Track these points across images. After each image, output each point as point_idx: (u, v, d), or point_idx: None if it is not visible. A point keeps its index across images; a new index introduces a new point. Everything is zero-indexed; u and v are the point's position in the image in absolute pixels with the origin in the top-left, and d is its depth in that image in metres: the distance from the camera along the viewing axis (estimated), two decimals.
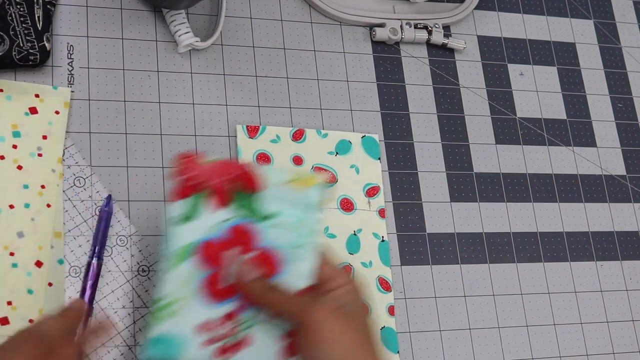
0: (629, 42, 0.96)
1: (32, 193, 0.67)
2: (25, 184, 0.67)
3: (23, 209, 0.67)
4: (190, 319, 0.59)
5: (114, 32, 0.76)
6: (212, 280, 0.59)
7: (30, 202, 0.67)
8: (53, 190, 0.68)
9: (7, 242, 0.65)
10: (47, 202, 0.68)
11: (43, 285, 0.65)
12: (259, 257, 0.60)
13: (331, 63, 0.82)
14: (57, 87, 0.71)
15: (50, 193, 0.68)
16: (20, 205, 0.67)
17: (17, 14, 0.70)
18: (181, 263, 0.59)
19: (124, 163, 0.72)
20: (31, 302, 0.65)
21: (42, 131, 0.69)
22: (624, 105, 0.92)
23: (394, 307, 0.76)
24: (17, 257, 0.65)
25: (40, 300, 0.65)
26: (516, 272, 0.81)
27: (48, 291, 0.65)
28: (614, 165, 0.89)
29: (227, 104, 0.77)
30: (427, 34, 0.86)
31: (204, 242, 0.60)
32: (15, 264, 0.65)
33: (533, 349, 0.79)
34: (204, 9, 0.79)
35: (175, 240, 0.60)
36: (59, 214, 0.68)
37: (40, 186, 0.68)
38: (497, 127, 0.86)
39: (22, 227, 0.66)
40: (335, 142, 0.79)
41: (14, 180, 0.67)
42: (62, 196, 0.69)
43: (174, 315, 0.58)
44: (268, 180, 0.61)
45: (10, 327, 0.63)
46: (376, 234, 0.77)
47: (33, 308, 0.65)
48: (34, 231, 0.66)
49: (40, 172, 0.68)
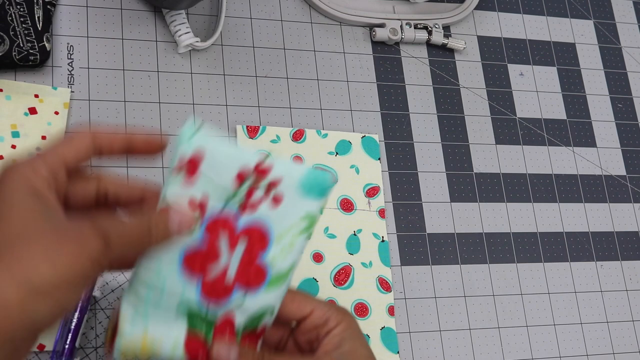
0: (629, 42, 0.96)
1: None
2: None
3: None
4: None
5: (114, 32, 0.76)
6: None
7: None
8: None
9: None
10: None
11: None
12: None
13: (331, 63, 0.82)
14: (57, 88, 0.71)
15: None
16: None
17: (17, 14, 0.70)
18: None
19: (123, 163, 0.72)
20: None
21: (41, 132, 0.69)
22: (624, 106, 0.93)
23: (394, 307, 0.76)
24: None
25: None
26: (516, 272, 0.81)
27: None
28: (614, 165, 0.89)
29: (227, 104, 0.77)
30: (427, 34, 0.86)
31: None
32: None
33: (533, 349, 0.79)
34: (204, 9, 0.79)
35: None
36: None
37: None
38: (497, 127, 0.86)
39: None
40: (335, 142, 0.79)
41: None
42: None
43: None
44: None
45: None
46: (376, 234, 0.77)
47: None
48: None
49: None
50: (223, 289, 0.57)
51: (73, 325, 0.64)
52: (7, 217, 0.46)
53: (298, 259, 0.58)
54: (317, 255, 0.75)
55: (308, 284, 0.74)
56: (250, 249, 0.57)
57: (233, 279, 0.57)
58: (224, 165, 0.56)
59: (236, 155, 0.56)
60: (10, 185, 0.47)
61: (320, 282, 0.74)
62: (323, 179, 0.58)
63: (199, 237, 0.56)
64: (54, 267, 0.45)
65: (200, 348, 0.58)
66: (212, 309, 0.58)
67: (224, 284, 0.57)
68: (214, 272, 0.57)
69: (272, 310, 0.58)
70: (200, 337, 0.58)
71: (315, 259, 0.75)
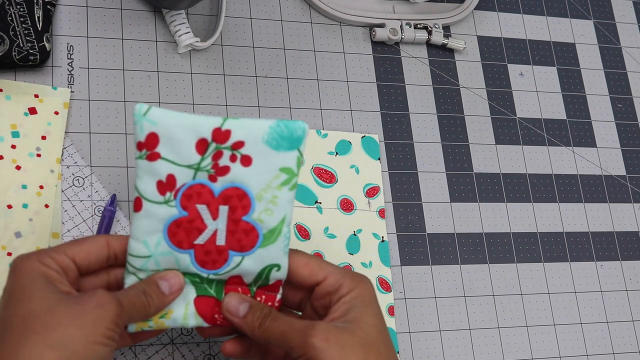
0: (629, 42, 0.96)
1: (31, 193, 0.67)
2: (23, 184, 0.67)
3: (21, 209, 0.67)
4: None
5: (114, 32, 0.76)
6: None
7: (29, 203, 0.67)
8: (51, 190, 0.68)
9: (5, 242, 0.65)
10: (46, 202, 0.68)
11: None
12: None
13: (331, 63, 0.82)
14: (57, 88, 0.71)
15: (49, 193, 0.68)
16: (19, 206, 0.67)
17: (17, 14, 0.70)
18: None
19: (123, 163, 0.72)
20: None
21: (41, 131, 0.69)
22: (623, 106, 0.93)
23: (394, 307, 0.76)
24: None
25: None
26: (516, 272, 0.81)
27: None
28: (614, 165, 0.89)
29: (227, 104, 0.77)
30: (427, 34, 0.86)
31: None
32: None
33: (533, 349, 0.79)
34: (204, 9, 0.80)
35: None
36: (57, 214, 0.68)
37: (39, 186, 0.68)
38: (497, 127, 0.86)
39: (20, 228, 0.66)
40: (335, 142, 0.79)
41: (12, 180, 0.67)
42: (60, 197, 0.69)
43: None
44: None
45: None
46: (376, 234, 0.77)
47: None
48: (32, 231, 0.66)
49: (38, 172, 0.68)
50: (217, 255, 0.57)
51: None
52: (30, 296, 0.51)
53: (290, 212, 0.58)
54: (317, 255, 0.75)
55: None
56: (233, 212, 0.57)
57: (224, 245, 0.57)
58: (180, 140, 0.56)
59: (190, 125, 0.56)
60: (26, 273, 0.53)
61: None
62: (291, 130, 0.57)
63: (176, 212, 0.56)
64: (82, 330, 0.50)
65: (213, 306, 0.58)
66: (213, 275, 0.58)
67: (216, 252, 0.57)
68: (203, 241, 0.57)
69: (277, 266, 0.58)
70: (211, 297, 0.58)
71: None
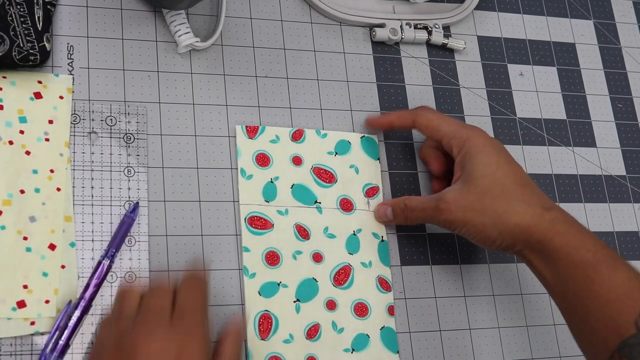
0: (629, 42, 0.96)
1: (42, 178, 0.68)
2: (34, 169, 0.68)
3: (34, 194, 0.67)
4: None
5: (114, 32, 0.76)
6: None
7: (40, 187, 0.68)
8: (62, 174, 0.69)
9: (20, 226, 0.66)
10: (57, 186, 0.68)
11: (57, 267, 0.66)
12: None
13: (331, 63, 0.82)
14: (59, 75, 0.72)
15: (59, 177, 0.69)
16: (31, 190, 0.67)
17: (17, 15, 0.70)
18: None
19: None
20: (46, 284, 0.66)
21: (48, 116, 0.70)
22: (623, 106, 0.93)
23: (394, 307, 0.76)
24: (31, 241, 0.66)
25: (55, 282, 0.66)
26: (516, 272, 0.81)
27: (62, 273, 0.67)
28: (614, 165, 0.89)
29: (227, 104, 0.77)
30: (427, 34, 0.86)
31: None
32: (29, 248, 0.66)
33: (533, 349, 0.79)
34: (204, 9, 0.80)
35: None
36: (69, 197, 0.69)
37: (50, 170, 0.69)
38: (497, 127, 0.86)
39: (34, 212, 0.67)
40: (335, 142, 0.79)
41: (23, 165, 0.68)
42: (71, 180, 0.69)
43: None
44: None
45: (27, 309, 0.64)
46: (376, 234, 0.77)
47: (48, 290, 0.66)
48: (45, 215, 0.67)
49: (48, 156, 0.69)
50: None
51: (72, 322, 0.65)
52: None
53: None
54: (316, 255, 0.75)
55: (308, 284, 0.74)
56: None
57: None
58: None
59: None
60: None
61: (319, 282, 0.74)
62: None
63: None
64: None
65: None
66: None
67: None
68: None
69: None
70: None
71: (314, 259, 0.75)
